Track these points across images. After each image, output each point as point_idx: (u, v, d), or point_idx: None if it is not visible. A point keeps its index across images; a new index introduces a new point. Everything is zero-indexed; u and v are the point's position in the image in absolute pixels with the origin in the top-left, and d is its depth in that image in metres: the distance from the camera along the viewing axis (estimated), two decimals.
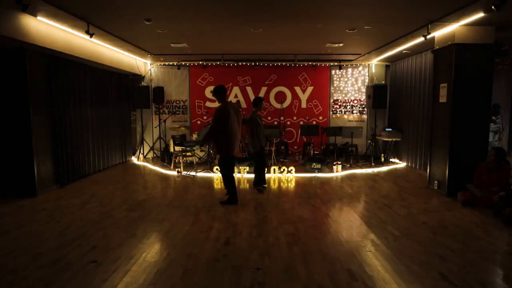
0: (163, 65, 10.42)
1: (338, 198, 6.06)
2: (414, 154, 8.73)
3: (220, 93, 5.53)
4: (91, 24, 5.76)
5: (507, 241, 4.15)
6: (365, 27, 6.16)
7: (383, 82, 10.23)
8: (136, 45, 7.80)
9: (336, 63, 10.37)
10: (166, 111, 10.57)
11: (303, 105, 10.65)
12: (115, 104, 9.17)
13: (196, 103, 10.61)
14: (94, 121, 8.12)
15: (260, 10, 5.20)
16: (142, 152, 10.10)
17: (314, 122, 10.38)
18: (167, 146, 9.76)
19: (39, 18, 5.47)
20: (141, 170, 8.64)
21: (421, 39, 6.23)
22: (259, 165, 6.43)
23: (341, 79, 10.60)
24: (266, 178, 6.71)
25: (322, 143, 10.11)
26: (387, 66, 10.40)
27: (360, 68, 10.49)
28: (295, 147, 10.82)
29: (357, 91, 10.58)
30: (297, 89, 10.62)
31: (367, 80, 10.49)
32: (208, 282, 3.19)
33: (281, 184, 7.20)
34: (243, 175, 7.82)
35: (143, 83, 10.33)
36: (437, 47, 6.35)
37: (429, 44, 6.85)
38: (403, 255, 3.74)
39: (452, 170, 5.99)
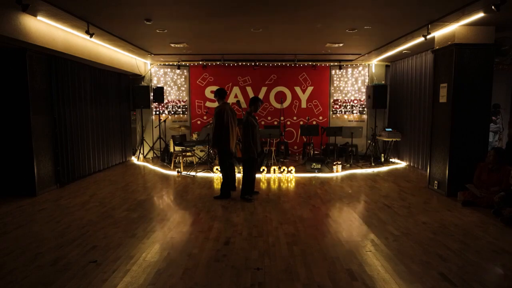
0: (163, 65, 10.42)
1: (338, 198, 6.06)
2: (414, 154, 8.74)
3: (221, 94, 6.09)
4: (91, 24, 5.76)
5: (507, 241, 4.14)
6: (365, 27, 6.16)
7: (383, 82, 10.23)
8: (136, 45, 7.80)
9: (336, 63, 10.37)
10: (166, 111, 10.58)
11: (303, 105, 10.65)
12: (115, 104, 9.17)
13: (196, 103, 10.62)
14: (94, 121, 8.12)
15: (260, 10, 5.20)
16: (142, 152, 10.11)
17: (314, 122, 10.39)
18: (167, 146, 9.76)
19: (39, 18, 5.47)
20: (141, 170, 8.64)
21: (421, 39, 6.23)
22: (252, 172, 5.94)
23: (341, 79, 10.60)
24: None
25: (322, 143, 10.11)
26: (387, 66, 10.41)
27: (360, 68, 10.49)
28: (295, 147, 10.82)
29: (357, 91, 10.58)
30: (297, 89, 10.62)
31: (367, 80, 10.49)
32: (208, 282, 3.19)
33: (281, 184, 7.20)
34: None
35: (143, 83, 10.34)
36: (437, 47, 6.35)
37: (429, 44, 6.85)
38: (403, 255, 3.74)
39: (452, 170, 6.00)
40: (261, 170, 7.91)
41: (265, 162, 8.42)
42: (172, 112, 10.62)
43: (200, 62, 10.30)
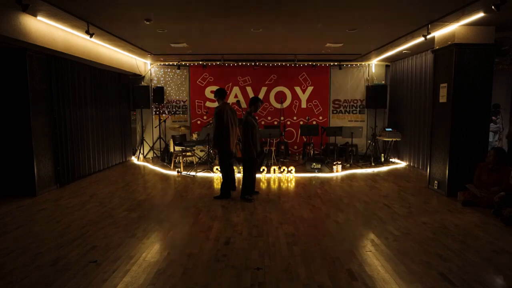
0: (163, 65, 10.42)
1: (338, 198, 6.06)
2: (414, 154, 8.74)
3: (221, 94, 6.09)
4: (91, 24, 5.76)
5: (507, 241, 4.14)
6: (365, 27, 6.16)
7: (383, 82, 10.23)
8: (136, 45, 7.80)
9: (336, 63, 10.37)
10: (166, 111, 10.58)
11: (303, 105, 10.65)
12: (115, 104, 9.17)
13: (196, 103, 10.61)
14: (94, 121, 8.12)
15: (260, 10, 5.20)
16: (142, 152, 10.11)
17: (314, 122, 10.38)
18: (167, 146, 9.77)
19: (39, 18, 5.47)
20: (141, 170, 8.64)
21: (421, 39, 6.24)
22: (252, 172, 5.93)
23: (341, 79, 10.59)
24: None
25: (322, 143, 10.11)
26: (387, 66, 10.41)
27: (360, 68, 10.49)
28: (295, 147, 10.83)
29: (357, 91, 10.58)
30: (297, 89, 10.62)
31: (367, 80, 10.49)
32: (208, 282, 3.19)
33: (281, 184, 7.20)
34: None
35: (143, 83, 10.34)
36: (437, 47, 6.35)
37: (429, 44, 6.85)
38: (403, 255, 3.74)
39: (452, 170, 6.00)
40: (261, 170, 7.91)
41: (265, 162, 8.42)
42: (172, 112, 10.62)
43: (200, 62, 10.30)
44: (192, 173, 8.04)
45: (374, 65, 10.40)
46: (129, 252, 3.80)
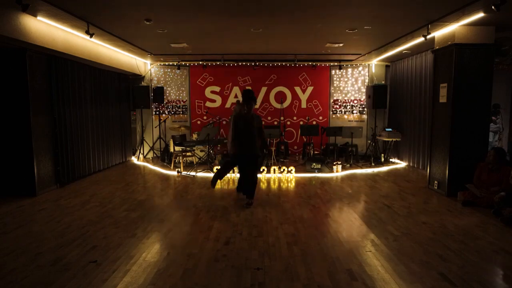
0: (163, 65, 10.43)
1: (338, 198, 6.06)
2: (414, 154, 8.74)
3: (242, 96, 5.59)
4: (91, 24, 5.76)
5: (507, 241, 4.14)
6: (365, 27, 6.16)
7: (383, 82, 10.23)
8: (136, 45, 7.80)
9: (336, 63, 10.37)
10: (166, 111, 10.58)
11: (303, 105, 10.65)
12: (115, 104, 9.17)
13: (196, 103, 10.62)
14: (94, 121, 8.12)
15: (260, 10, 5.20)
16: (142, 152, 10.11)
17: (314, 122, 10.39)
18: (167, 146, 9.76)
19: (39, 18, 5.47)
20: (141, 170, 8.64)
21: (421, 39, 6.24)
22: (224, 165, 5.96)
23: (341, 79, 10.60)
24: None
25: (322, 143, 10.11)
26: (387, 66, 10.41)
27: (360, 68, 10.49)
28: (295, 147, 10.82)
29: (357, 91, 10.58)
30: (297, 89, 10.62)
31: (367, 80, 10.49)
32: (208, 282, 3.19)
33: (281, 184, 7.20)
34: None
35: (143, 83, 10.34)
36: (437, 47, 6.35)
37: (429, 44, 6.86)
38: (403, 255, 3.74)
39: (452, 170, 6.00)
40: (261, 170, 7.91)
41: (265, 162, 8.41)
42: (172, 112, 10.62)
43: (200, 62, 10.30)
44: (192, 173, 8.04)
45: (374, 65, 10.40)
46: (129, 252, 3.79)
